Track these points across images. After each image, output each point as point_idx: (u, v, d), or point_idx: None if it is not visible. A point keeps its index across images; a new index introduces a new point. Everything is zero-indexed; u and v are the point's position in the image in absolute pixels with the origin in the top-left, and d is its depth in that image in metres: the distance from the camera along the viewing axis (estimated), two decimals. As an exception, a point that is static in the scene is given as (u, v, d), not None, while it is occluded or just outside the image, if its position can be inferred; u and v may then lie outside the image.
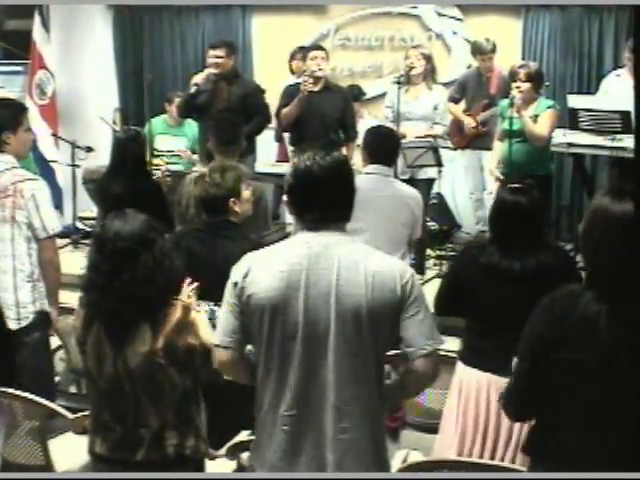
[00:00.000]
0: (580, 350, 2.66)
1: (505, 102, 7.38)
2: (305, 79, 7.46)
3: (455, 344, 4.35)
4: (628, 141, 7.13)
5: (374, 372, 2.95)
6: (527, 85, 7.06)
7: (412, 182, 7.63)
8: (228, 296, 3.03)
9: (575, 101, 7.85)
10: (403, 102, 7.44)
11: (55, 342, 5.14)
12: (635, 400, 2.60)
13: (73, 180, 9.28)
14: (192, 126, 8.77)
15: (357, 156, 8.27)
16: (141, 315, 3.20)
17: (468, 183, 8.98)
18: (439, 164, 7.54)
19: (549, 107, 7.23)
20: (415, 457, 3.97)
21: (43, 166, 9.42)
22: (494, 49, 8.45)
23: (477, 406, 4.11)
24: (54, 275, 4.91)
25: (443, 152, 8.01)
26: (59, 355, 5.27)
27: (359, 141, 7.06)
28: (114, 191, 6.07)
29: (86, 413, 3.58)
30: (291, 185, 3.02)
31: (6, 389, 4.07)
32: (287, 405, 2.93)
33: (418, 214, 5.48)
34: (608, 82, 8.24)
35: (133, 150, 6.32)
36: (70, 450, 4.01)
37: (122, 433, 3.29)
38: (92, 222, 8.59)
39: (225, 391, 3.49)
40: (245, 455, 3.51)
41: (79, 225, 9.27)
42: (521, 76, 7.08)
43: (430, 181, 7.79)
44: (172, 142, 9.11)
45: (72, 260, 6.39)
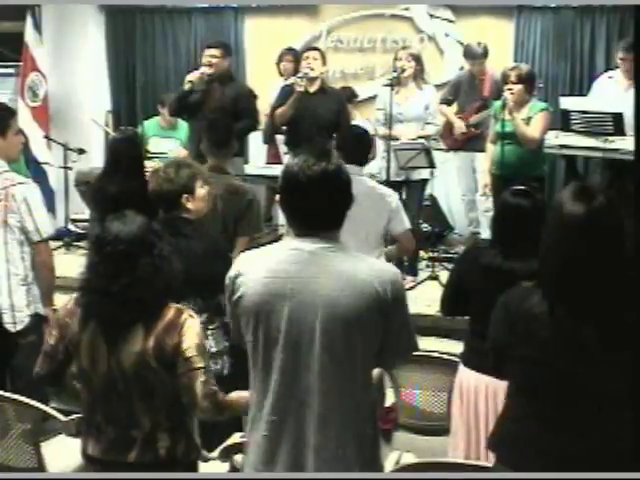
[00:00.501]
0: (530, 347, 2.69)
1: (498, 104, 7.38)
2: (297, 80, 7.46)
3: (449, 346, 4.37)
4: (620, 143, 7.14)
5: (360, 379, 2.92)
6: (519, 87, 7.07)
7: (405, 183, 7.67)
8: (226, 296, 3.05)
9: (567, 103, 7.85)
10: (394, 104, 7.44)
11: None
12: (583, 395, 2.63)
13: (65, 182, 9.28)
14: (185, 128, 8.75)
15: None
16: (138, 316, 3.20)
17: (460, 185, 8.98)
18: (432, 166, 7.54)
19: (542, 109, 7.25)
20: (408, 459, 3.98)
21: (35, 168, 9.43)
22: (485, 54, 8.46)
23: (477, 407, 4.13)
24: (48, 278, 4.91)
25: (436, 154, 8.02)
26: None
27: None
28: (109, 192, 6.06)
29: (79, 415, 3.57)
30: (281, 188, 2.99)
31: (-1, 392, 4.07)
32: (268, 410, 2.92)
33: (395, 208, 5.47)
34: (600, 84, 8.26)
35: (129, 151, 6.30)
36: (62, 452, 4.01)
37: (114, 435, 3.28)
38: (85, 224, 8.58)
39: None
40: (238, 457, 3.51)
41: (71, 227, 9.26)
42: (513, 78, 7.09)
43: (423, 182, 7.79)
44: (165, 144, 9.10)
45: (65, 262, 6.39)
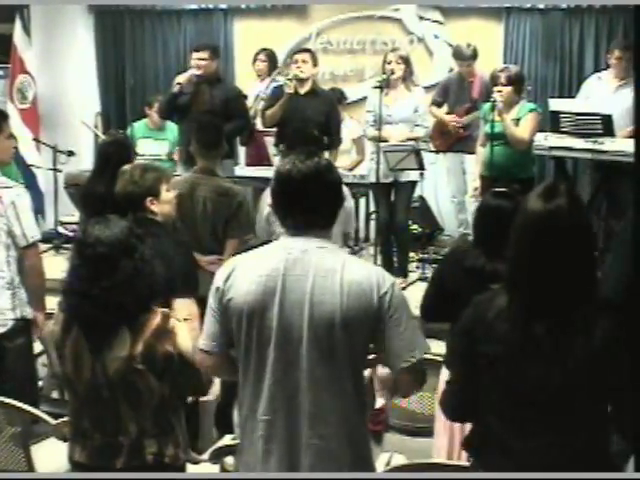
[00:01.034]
0: (489, 344, 2.71)
1: (487, 106, 7.40)
2: (286, 81, 7.46)
3: (441, 347, 4.36)
4: (609, 144, 7.16)
5: (350, 380, 2.92)
6: (508, 88, 7.09)
7: (395, 185, 7.68)
8: (211, 300, 3.04)
9: (556, 104, 7.89)
10: (383, 105, 7.44)
11: (38, 347, 5.11)
12: (537, 393, 2.65)
13: (55, 184, 9.26)
14: (173, 130, 8.74)
15: (343, 161, 8.32)
16: (120, 321, 3.18)
17: (450, 186, 9.00)
18: (421, 167, 7.55)
19: (531, 110, 7.25)
20: (398, 460, 3.98)
21: (24, 170, 9.39)
22: (475, 55, 8.48)
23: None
24: (38, 282, 4.89)
25: (425, 155, 8.02)
26: (42, 361, 5.26)
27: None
28: (99, 194, 6.04)
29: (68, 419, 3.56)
30: (273, 189, 3.01)
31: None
32: (262, 410, 2.93)
33: (349, 208, 5.51)
34: (589, 84, 8.29)
35: (119, 154, 6.29)
36: (52, 455, 4.00)
37: (101, 441, 3.27)
38: (74, 227, 8.57)
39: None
40: (229, 459, 3.51)
41: (61, 230, 9.24)
42: (502, 80, 7.10)
43: (413, 184, 7.79)
44: (154, 146, 9.09)
45: (54, 265, 6.37)
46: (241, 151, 9.33)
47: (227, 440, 3.73)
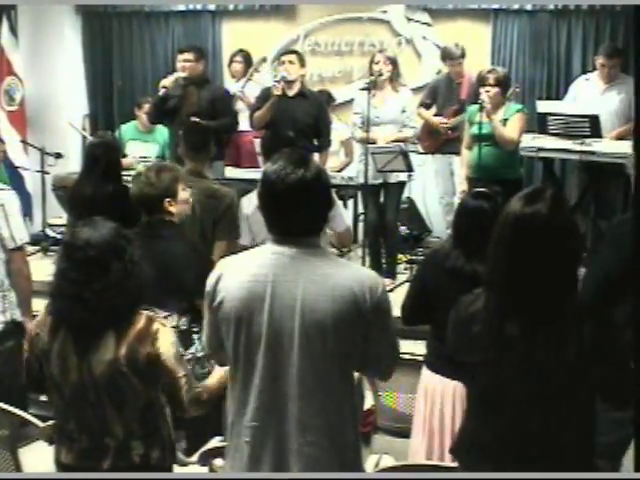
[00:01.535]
0: (470, 347, 2.72)
1: (473, 108, 7.42)
2: (274, 83, 7.46)
3: (422, 348, 4.37)
4: (597, 145, 7.19)
5: (340, 385, 2.91)
6: (496, 89, 7.10)
7: (383, 186, 7.68)
8: (205, 304, 3.04)
9: (544, 106, 7.91)
10: (371, 107, 7.44)
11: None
12: (515, 395, 2.65)
13: (42, 187, 9.23)
14: (163, 132, 8.74)
15: (331, 163, 8.32)
16: (109, 323, 3.18)
17: (438, 187, 9.00)
18: (409, 169, 7.54)
19: (518, 111, 7.28)
20: (387, 462, 3.98)
21: (12, 173, 9.38)
22: (463, 54, 8.50)
23: (442, 411, 4.14)
24: (25, 285, 4.89)
25: (414, 156, 8.03)
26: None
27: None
28: (87, 196, 6.04)
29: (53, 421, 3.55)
30: (260, 193, 2.96)
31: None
32: (250, 416, 2.92)
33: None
34: (576, 86, 8.31)
35: (107, 155, 6.28)
36: (40, 458, 3.98)
37: (87, 442, 3.27)
38: (62, 229, 8.54)
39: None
40: (217, 461, 3.50)
41: (49, 232, 9.21)
42: (491, 81, 7.11)
43: (401, 185, 7.78)
44: (143, 148, 9.08)
45: (42, 267, 6.35)
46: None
47: (215, 442, 3.72)
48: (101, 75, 10.87)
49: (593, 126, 7.38)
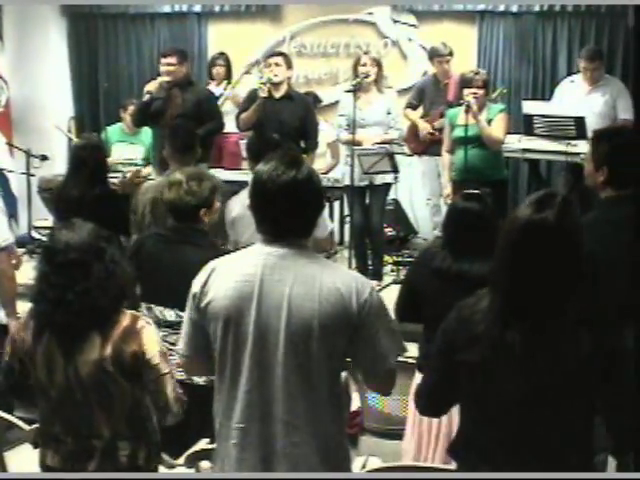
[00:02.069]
0: (469, 350, 2.71)
1: (454, 111, 7.46)
2: (260, 85, 7.46)
3: (415, 350, 4.36)
4: (583, 146, 7.20)
5: (327, 387, 2.89)
6: (482, 91, 7.13)
7: (370, 188, 7.68)
8: (189, 305, 3.02)
9: (530, 107, 7.92)
10: (356, 109, 7.45)
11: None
12: (535, 396, 2.65)
13: (28, 189, 9.20)
14: (148, 134, 8.72)
15: (317, 165, 8.32)
16: (92, 324, 3.17)
17: (425, 189, 9.00)
18: (395, 170, 7.55)
19: (501, 111, 7.33)
20: (374, 463, 3.98)
21: (-3, 175, 9.36)
22: (451, 53, 8.53)
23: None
24: (8, 286, 4.86)
25: (400, 158, 8.03)
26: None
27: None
28: (72, 198, 6.02)
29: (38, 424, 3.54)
30: (251, 194, 2.96)
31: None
32: (236, 418, 2.91)
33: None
34: (562, 88, 8.34)
35: (93, 157, 6.27)
36: (27, 461, 3.97)
37: (74, 444, 3.26)
38: (48, 231, 8.51)
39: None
40: (204, 463, 3.50)
41: (34, 234, 9.18)
42: (478, 82, 7.13)
43: (387, 186, 7.78)
44: (128, 150, 9.06)
45: (28, 270, 6.33)
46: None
47: (202, 444, 3.71)
48: (87, 77, 10.87)
49: (579, 127, 7.39)
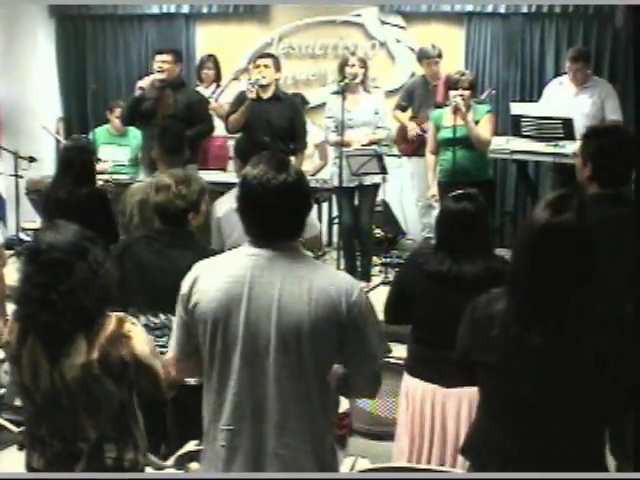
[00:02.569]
0: (486, 351, 2.72)
1: (438, 112, 7.49)
2: (248, 87, 7.45)
3: (402, 351, 4.37)
4: (571, 147, 7.22)
5: (316, 388, 2.90)
6: (468, 92, 7.14)
7: (358, 189, 7.68)
8: (178, 307, 3.03)
9: (518, 108, 7.94)
10: (344, 110, 7.45)
11: (-1, 355, 5.08)
12: (554, 397, 2.65)
13: (16, 191, 9.18)
14: (135, 135, 8.72)
15: (305, 166, 8.32)
16: (77, 326, 3.16)
17: (415, 190, 9.01)
18: (384, 171, 7.55)
19: (487, 111, 7.37)
20: (363, 464, 3.98)
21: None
22: (440, 54, 8.55)
23: (422, 415, 4.14)
24: (-2, 288, 4.86)
25: (390, 159, 8.04)
26: (4, 368, 5.21)
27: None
28: (61, 200, 6.02)
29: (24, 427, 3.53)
30: (239, 197, 2.95)
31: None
32: (225, 419, 2.91)
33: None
34: (550, 89, 8.35)
35: (81, 158, 6.27)
36: (14, 464, 3.96)
37: (60, 447, 3.25)
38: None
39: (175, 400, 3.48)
40: (194, 465, 3.49)
41: (23, 236, 9.16)
42: (465, 84, 7.14)
43: (375, 187, 7.80)
44: (116, 152, 9.05)
45: (15, 272, 6.32)
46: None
47: (191, 446, 3.71)
48: (75, 78, 10.84)
49: (567, 129, 7.41)
